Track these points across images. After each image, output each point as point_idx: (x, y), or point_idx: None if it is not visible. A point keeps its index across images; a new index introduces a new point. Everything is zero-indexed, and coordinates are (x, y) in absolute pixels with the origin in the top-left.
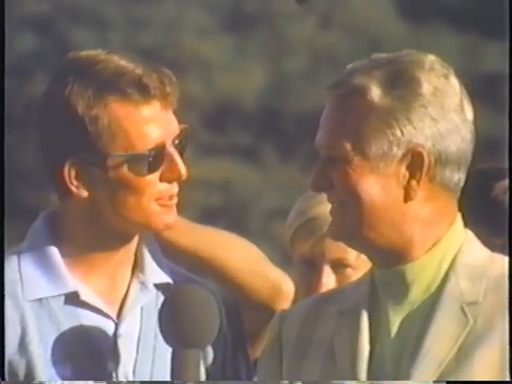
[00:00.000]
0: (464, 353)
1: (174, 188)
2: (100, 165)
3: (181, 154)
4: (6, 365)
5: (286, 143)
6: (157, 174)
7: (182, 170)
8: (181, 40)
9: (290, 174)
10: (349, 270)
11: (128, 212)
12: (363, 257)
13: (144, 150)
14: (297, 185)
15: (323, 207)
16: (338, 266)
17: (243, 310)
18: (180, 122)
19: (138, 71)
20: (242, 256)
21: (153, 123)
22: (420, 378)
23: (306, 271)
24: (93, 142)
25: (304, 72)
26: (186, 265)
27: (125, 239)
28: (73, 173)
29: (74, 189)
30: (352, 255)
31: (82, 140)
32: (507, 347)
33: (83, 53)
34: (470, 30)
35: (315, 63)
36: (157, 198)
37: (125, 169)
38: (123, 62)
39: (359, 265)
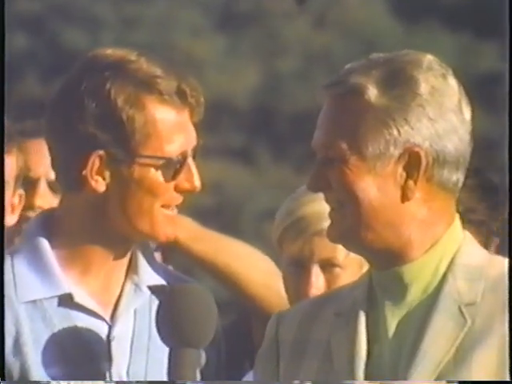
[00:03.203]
0: (462, 354)
1: (180, 198)
2: (127, 162)
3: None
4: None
5: (279, 144)
6: (173, 182)
7: (197, 181)
8: (173, 39)
9: (283, 175)
10: (338, 270)
11: (137, 215)
12: (352, 256)
13: (172, 155)
14: (290, 186)
15: (311, 206)
16: (327, 265)
17: (255, 321)
18: None
19: (175, 76)
20: (256, 268)
21: (182, 130)
22: (418, 378)
23: (295, 271)
24: (125, 139)
25: (298, 72)
26: (195, 273)
27: (123, 244)
28: (96, 165)
29: (92, 182)
30: (341, 255)
31: (116, 135)
32: (505, 348)
33: (109, 51)
34: (465, 30)
35: (309, 63)
36: (164, 205)
37: (151, 171)
38: (154, 65)
39: (348, 264)
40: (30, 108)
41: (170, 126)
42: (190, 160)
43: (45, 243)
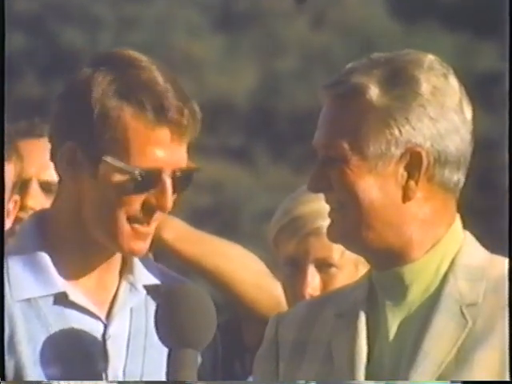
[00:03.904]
0: (463, 355)
1: (154, 217)
2: (94, 160)
3: (175, 188)
4: None
5: (278, 144)
6: (142, 196)
7: (168, 202)
8: (172, 39)
9: (281, 176)
10: (333, 270)
11: (95, 220)
12: (347, 256)
13: (137, 167)
14: (289, 186)
15: (308, 206)
16: (323, 265)
17: (245, 322)
18: None
19: (166, 93)
20: (246, 269)
21: (157, 146)
22: (419, 379)
23: (291, 271)
24: (96, 138)
25: (296, 72)
26: (191, 274)
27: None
28: (67, 156)
29: (62, 172)
30: (336, 254)
31: (90, 131)
32: (507, 348)
33: (127, 52)
34: (464, 29)
35: (308, 63)
36: (130, 218)
37: (115, 177)
38: (159, 77)
39: (344, 264)
40: (26, 108)
41: (143, 138)
42: (167, 179)
43: (38, 242)
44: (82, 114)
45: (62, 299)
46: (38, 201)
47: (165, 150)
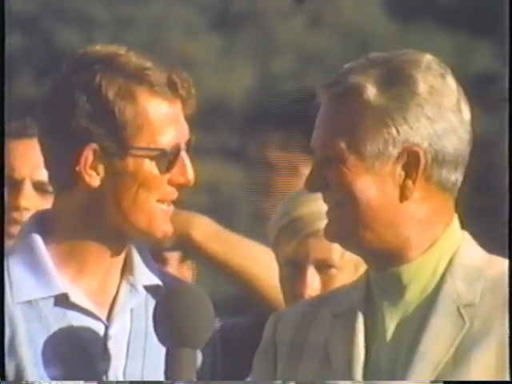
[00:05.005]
0: (460, 355)
1: (175, 194)
2: (120, 155)
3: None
4: None
5: None
6: (168, 176)
7: (191, 175)
8: (168, 39)
9: None
10: (333, 271)
11: (132, 210)
12: (347, 257)
13: (165, 146)
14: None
15: (307, 207)
16: (323, 266)
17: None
18: None
19: (165, 68)
20: (271, 270)
21: (174, 122)
22: (416, 379)
23: (291, 272)
24: (118, 132)
25: (293, 72)
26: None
27: (118, 241)
28: (90, 159)
29: (86, 177)
30: (336, 255)
31: (109, 128)
32: (505, 349)
33: (98, 47)
34: (462, 29)
35: (304, 63)
36: (160, 199)
37: (145, 163)
38: (143, 58)
39: (344, 265)
40: (19, 108)
41: (162, 118)
42: (183, 153)
43: (40, 243)
44: (102, 118)
45: (62, 301)
46: (32, 201)
47: (178, 125)
